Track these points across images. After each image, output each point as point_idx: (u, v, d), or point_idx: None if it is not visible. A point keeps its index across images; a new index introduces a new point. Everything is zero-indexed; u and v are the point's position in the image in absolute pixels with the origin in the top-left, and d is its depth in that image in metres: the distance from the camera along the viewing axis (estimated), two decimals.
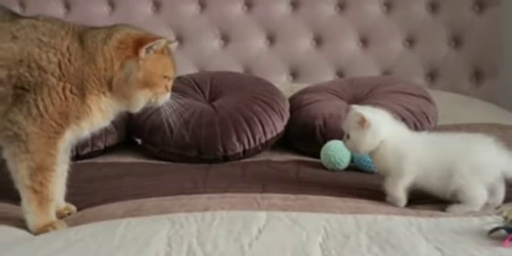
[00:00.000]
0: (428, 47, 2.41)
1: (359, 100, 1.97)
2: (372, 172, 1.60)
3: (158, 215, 1.24)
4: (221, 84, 2.02)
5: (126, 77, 1.24)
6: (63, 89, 1.20)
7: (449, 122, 1.98)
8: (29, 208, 1.22)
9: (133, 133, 1.90)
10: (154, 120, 1.82)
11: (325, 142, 1.72)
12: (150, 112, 1.78)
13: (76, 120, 1.23)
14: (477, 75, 2.43)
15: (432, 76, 2.45)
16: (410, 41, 2.44)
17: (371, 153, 1.34)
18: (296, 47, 2.41)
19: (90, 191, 1.47)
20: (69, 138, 1.25)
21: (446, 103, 2.09)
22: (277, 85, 2.08)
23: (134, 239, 1.10)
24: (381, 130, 1.30)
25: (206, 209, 1.26)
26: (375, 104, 1.85)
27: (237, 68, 2.39)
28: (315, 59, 2.41)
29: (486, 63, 2.40)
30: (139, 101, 1.28)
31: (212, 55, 2.43)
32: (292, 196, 1.35)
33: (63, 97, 1.20)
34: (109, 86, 1.24)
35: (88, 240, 1.11)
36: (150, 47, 1.24)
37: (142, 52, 1.23)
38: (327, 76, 2.38)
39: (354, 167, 1.66)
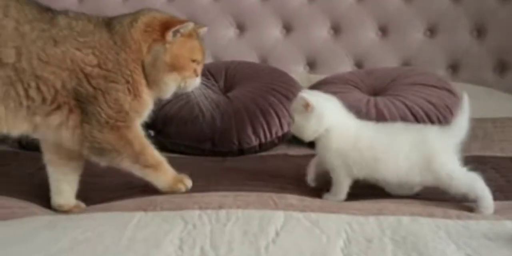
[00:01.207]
0: (450, 37, 2.30)
1: (379, 92, 1.87)
2: None
3: (170, 212, 1.16)
4: (236, 74, 1.93)
5: (154, 61, 1.22)
6: (111, 89, 1.19)
7: (473, 116, 1.85)
8: (151, 178, 1.27)
9: (145, 124, 1.81)
10: (167, 111, 1.75)
11: None
12: (164, 103, 1.68)
13: (136, 113, 1.23)
14: (501, 67, 2.31)
15: (454, 67, 2.33)
16: (431, 31, 2.32)
17: (316, 141, 1.27)
18: (313, 37, 2.32)
19: (101, 186, 1.39)
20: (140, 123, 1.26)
21: (469, 96, 1.96)
22: (293, 75, 1.99)
23: (143, 240, 1.02)
24: (326, 116, 1.23)
25: (220, 207, 1.17)
26: (395, 96, 1.79)
27: (253, 58, 2.30)
28: (332, 48, 2.33)
29: (510, 54, 2.28)
30: (168, 86, 1.26)
31: (227, 45, 2.34)
32: (310, 195, 1.28)
33: (112, 98, 1.20)
34: (143, 71, 1.22)
35: (94, 241, 1.03)
36: (177, 30, 1.22)
37: (169, 35, 1.21)
38: (345, 66, 2.29)
39: None
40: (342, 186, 1.25)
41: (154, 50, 1.22)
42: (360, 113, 1.65)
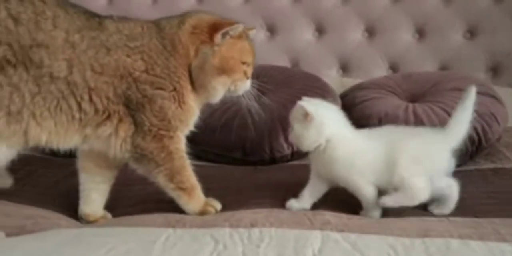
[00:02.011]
0: (490, 39, 2.15)
1: (417, 98, 1.75)
2: None
3: (199, 230, 1.08)
4: (267, 79, 1.82)
5: (202, 64, 1.18)
6: (157, 96, 1.16)
7: None
8: (182, 201, 1.22)
9: None
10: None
11: None
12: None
13: (180, 122, 1.19)
14: None
15: (494, 70, 2.18)
16: (471, 33, 2.19)
17: (316, 153, 1.21)
18: (346, 39, 2.22)
19: (128, 195, 1.35)
20: (184, 137, 1.22)
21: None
22: (326, 79, 1.90)
23: None
24: (326, 126, 1.18)
25: (252, 225, 1.09)
26: (435, 102, 1.67)
27: (284, 62, 2.22)
28: (366, 51, 2.21)
29: None
30: (217, 90, 1.21)
31: (258, 48, 2.14)
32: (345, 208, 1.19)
33: (157, 106, 1.16)
34: (189, 75, 1.18)
35: None
36: (227, 33, 1.18)
37: (218, 38, 1.17)
38: (380, 70, 2.18)
39: None
40: (368, 196, 1.17)
41: (202, 53, 1.18)
42: (398, 120, 1.59)
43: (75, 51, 1.11)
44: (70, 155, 1.27)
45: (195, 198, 1.23)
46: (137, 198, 1.34)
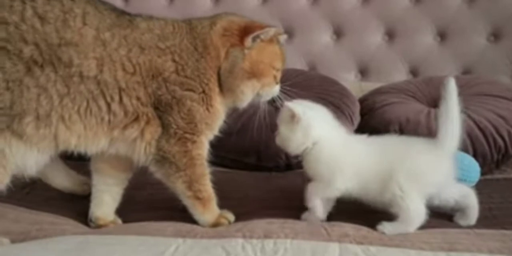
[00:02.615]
0: None
1: (439, 103, 1.66)
2: None
3: (210, 240, 1.04)
4: (284, 83, 1.77)
5: (231, 67, 1.15)
6: (186, 98, 1.13)
7: None
8: (196, 211, 1.19)
9: None
10: None
11: None
12: None
13: (206, 126, 1.16)
14: None
15: None
16: (495, 35, 2.09)
17: (303, 156, 1.16)
18: (366, 42, 2.14)
19: (139, 200, 1.31)
20: (207, 143, 1.19)
21: None
22: (344, 83, 1.84)
23: None
24: (314, 129, 1.14)
25: (266, 236, 1.04)
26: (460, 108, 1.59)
27: (301, 65, 2.15)
28: (386, 55, 2.13)
29: None
30: (246, 94, 1.19)
31: None
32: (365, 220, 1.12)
33: (186, 108, 1.13)
34: (218, 78, 1.16)
35: None
36: (257, 36, 1.16)
37: (248, 41, 1.15)
38: (400, 74, 2.10)
39: None
40: (316, 200, 1.13)
41: (232, 56, 1.15)
42: (419, 126, 1.51)
43: (106, 49, 1.08)
44: (80, 158, 1.24)
45: (209, 210, 1.19)
46: (148, 204, 1.30)
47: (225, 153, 1.59)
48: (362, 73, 2.18)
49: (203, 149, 1.18)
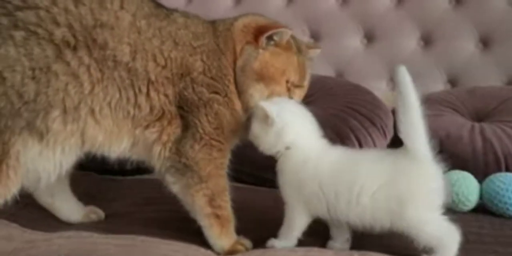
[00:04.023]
0: None
1: (484, 116, 1.67)
2: (511, 217, 1.31)
3: None
4: (309, 91, 1.71)
5: (243, 65, 1.17)
6: (213, 101, 1.15)
7: None
8: (213, 233, 1.17)
9: None
10: None
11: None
12: None
13: (231, 132, 1.17)
14: None
15: None
16: None
17: (278, 162, 1.14)
18: (399, 47, 2.09)
19: (142, 217, 1.31)
20: (230, 152, 1.20)
21: None
22: (376, 93, 1.81)
23: None
24: (286, 133, 1.10)
25: None
26: (506, 122, 1.55)
27: (328, 71, 2.13)
28: (421, 61, 2.07)
29: None
30: (254, 99, 1.18)
31: None
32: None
33: (213, 112, 1.15)
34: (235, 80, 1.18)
35: None
36: (271, 37, 1.17)
37: (262, 40, 1.17)
38: (437, 83, 2.05)
39: (483, 207, 1.36)
40: (293, 225, 1.10)
41: (246, 53, 1.17)
42: (462, 142, 1.49)
43: (140, 37, 1.10)
44: (81, 168, 1.25)
45: (227, 233, 1.16)
46: (153, 222, 1.27)
47: (241, 166, 1.51)
48: (393, 81, 2.08)
49: (226, 159, 1.19)
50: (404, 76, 1.05)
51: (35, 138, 1.06)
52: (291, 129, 1.11)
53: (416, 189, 1.01)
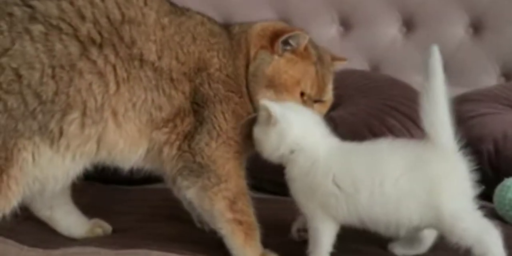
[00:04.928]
0: None
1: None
2: None
3: None
4: (340, 86, 1.66)
5: (255, 70, 1.20)
6: (229, 99, 1.17)
7: None
8: (236, 243, 1.16)
9: None
10: None
11: (497, 177, 1.43)
12: None
13: (247, 137, 1.18)
14: None
15: None
16: None
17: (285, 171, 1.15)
18: (444, 36, 2.05)
19: (155, 232, 1.29)
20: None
21: None
22: (417, 88, 1.72)
23: None
24: (291, 134, 1.12)
25: None
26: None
27: (361, 64, 2.10)
28: (471, 52, 2.05)
29: None
30: None
31: (329, 46, 2.06)
32: None
33: (230, 110, 1.17)
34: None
35: None
36: (287, 41, 1.19)
37: (278, 45, 1.19)
38: (489, 77, 2.03)
39: None
40: (319, 237, 1.10)
41: (259, 58, 1.21)
42: None
43: (165, 34, 1.13)
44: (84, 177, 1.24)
45: (252, 242, 1.15)
46: (167, 235, 1.26)
47: (263, 173, 1.50)
48: None
49: (243, 162, 1.19)
50: (436, 58, 1.04)
51: (46, 143, 1.06)
52: (295, 128, 1.12)
53: (442, 178, 1.02)
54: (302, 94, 1.20)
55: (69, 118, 1.06)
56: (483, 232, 1.02)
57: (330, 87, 1.25)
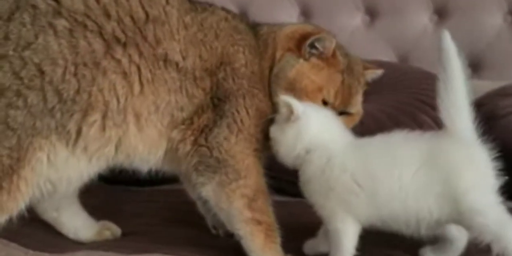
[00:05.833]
0: None
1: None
2: None
3: None
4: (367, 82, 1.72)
5: (278, 71, 1.23)
6: (253, 95, 1.19)
7: None
8: (255, 244, 1.16)
9: None
10: None
11: None
12: None
13: (266, 137, 1.20)
14: None
15: None
16: None
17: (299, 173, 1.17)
18: (478, 25, 2.07)
19: (171, 236, 1.30)
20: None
21: None
22: None
23: None
24: (309, 132, 1.14)
25: None
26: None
27: (388, 55, 2.14)
28: (508, 42, 2.06)
29: None
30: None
31: (352, 36, 2.17)
32: None
33: (253, 105, 1.19)
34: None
35: None
36: (313, 44, 1.21)
37: (304, 48, 1.21)
38: None
39: None
40: (340, 240, 1.10)
41: (284, 60, 1.23)
42: None
43: (188, 33, 1.15)
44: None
45: (272, 244, 1.15)
46: (180, 239, 1.28)
47: (278, 173, 1.52)
48: (474, 67, 2.08)
49: (261, 162, 1.20)
50: (448, 42, 1.06)
51: (63, 142, 1.08)
52: (314, 126, 1.14)
53: (459, 168, 1.04)
54: (325, 103, 1.21)
55: (89, 120, 1.07)
56: (503, 228, 1.02)
57: (358, 99, 1.25)
